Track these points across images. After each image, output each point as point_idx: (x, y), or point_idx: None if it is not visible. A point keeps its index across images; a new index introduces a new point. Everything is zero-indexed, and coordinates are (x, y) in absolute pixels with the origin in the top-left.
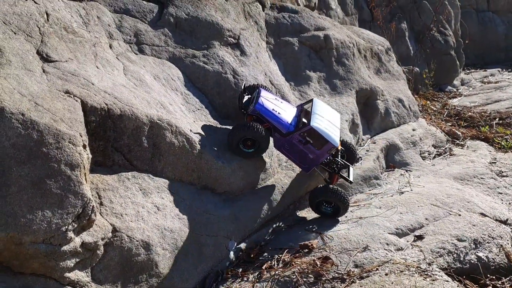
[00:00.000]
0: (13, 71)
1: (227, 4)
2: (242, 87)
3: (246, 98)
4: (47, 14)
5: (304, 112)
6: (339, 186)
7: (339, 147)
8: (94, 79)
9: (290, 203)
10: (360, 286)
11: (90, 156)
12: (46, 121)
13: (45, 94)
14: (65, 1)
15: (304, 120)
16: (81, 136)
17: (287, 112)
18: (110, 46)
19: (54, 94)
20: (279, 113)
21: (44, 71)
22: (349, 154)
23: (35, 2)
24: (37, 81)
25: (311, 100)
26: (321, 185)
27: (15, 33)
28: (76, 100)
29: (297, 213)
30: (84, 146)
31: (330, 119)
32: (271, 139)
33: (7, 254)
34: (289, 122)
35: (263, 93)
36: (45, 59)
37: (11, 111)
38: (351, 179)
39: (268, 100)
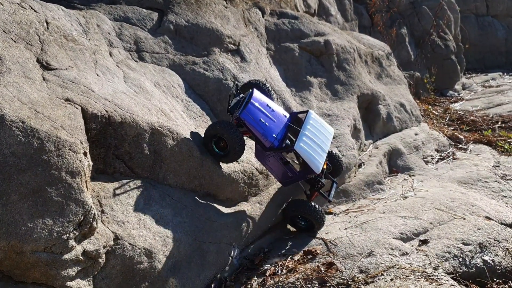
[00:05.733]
0: (13, 79)
1: (226, 11)
2: (234, 86)
3: (236, 99)
4: (47, 22)
5: (295, 122)
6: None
7: (325, 167)
8: (95, 86)
9: None
10: None
11: (91, 163)
12: (46, 128)
13: (45, 102)
14: (64, 9)
15: (291, 136)
16: (82, 143)
17: (276, 122)
18: (110, 54)
19: (54, 102)
20: (266, 124)
21: (44, 79)
22: (335, 165)
23: (35, 11)
24: (37, 89)
25: (306, 112)
26: (301, 199)
27: (15, 42)
28: (77, 108)
29: None
30: (85, 154)
31: (320, 138)
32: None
33: (8, 263)
34: (275, 134)
35: (255, 95)
36: (45, 67)
37: (11, 119)
38: (330, 197)
39: (258, 107)
